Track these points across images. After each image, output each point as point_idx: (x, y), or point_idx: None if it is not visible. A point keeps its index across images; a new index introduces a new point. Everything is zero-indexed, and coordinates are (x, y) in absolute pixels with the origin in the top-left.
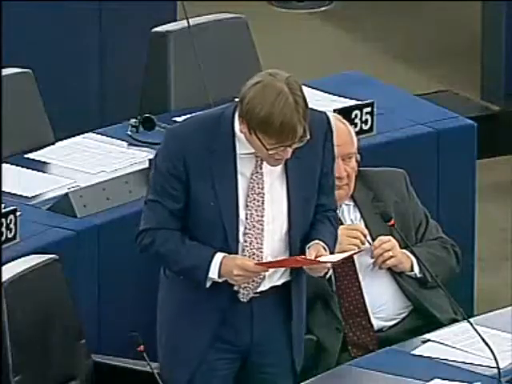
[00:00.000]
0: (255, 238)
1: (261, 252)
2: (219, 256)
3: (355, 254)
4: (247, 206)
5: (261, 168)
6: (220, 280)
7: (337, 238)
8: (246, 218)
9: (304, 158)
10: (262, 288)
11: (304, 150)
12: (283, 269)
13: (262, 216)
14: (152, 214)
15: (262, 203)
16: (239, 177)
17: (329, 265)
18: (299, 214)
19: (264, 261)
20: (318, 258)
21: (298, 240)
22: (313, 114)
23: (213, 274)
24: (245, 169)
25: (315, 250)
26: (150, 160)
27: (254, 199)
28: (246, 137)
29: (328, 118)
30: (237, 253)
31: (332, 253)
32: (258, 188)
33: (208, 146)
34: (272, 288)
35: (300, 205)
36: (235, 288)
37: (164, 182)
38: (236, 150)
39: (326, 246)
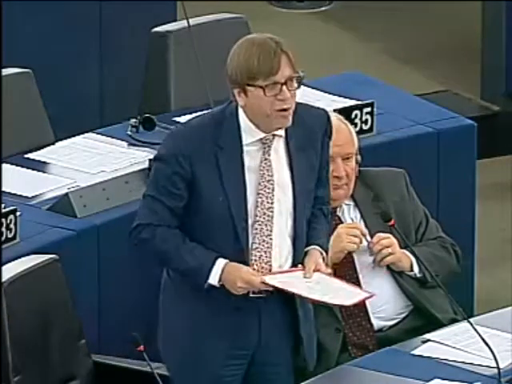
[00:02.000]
0: (265, 225)
1: (270, 239)
2: (221, 262)
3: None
4: (258, 193)
5: (269, 155)
6: (218, 285)
7: (329, 232)
8: (257, 206)
9: (306, 151)
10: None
11: (305, 143)
12: (289, 263)
13: (272, 203)
14: (151, 210)
15: (273, 190)
16: (246, 171)
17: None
18: (303, 206)
19: (271, 270)
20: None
21: (302, 232)
22: (313, 109)
23: (213, 280)
24: (251, 161)
25: (313, 262)
26: (149, 160)
27: (265, 186)
28: (248, 111)
29: (328, 115)
30: (247, 244)
31: (326, 251)
32: (268, 175)
33: (215, 143)
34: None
35: (303, 197)
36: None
37: (167, 181)
38: (242, 142)
39: (322, 251)
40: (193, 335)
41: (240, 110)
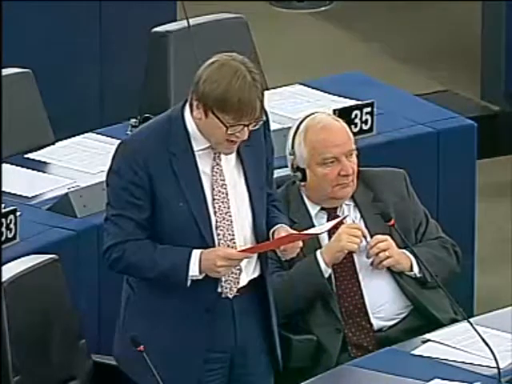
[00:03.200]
0: (227, 230)
1: (234, 243)
2: (196, 252)
3: (335, 224)
4: (214, 199)
5: (220, 160)
6: (201, 276)
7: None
8: (215, 212)
9: (254, 147)
10: (242, 283)
11: (252, 138)
12: (255, 261)
13: (229, 207)
14: (117, 228)
15: (227, 194)
16: (201, 174)
17: (301, 244)
18: (259, 202)
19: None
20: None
21: (262, 227)
22: None
23: (193, 271)
24: (204, 165)
25: (284, 230)
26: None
27: (219, 191)
28: (200, 125)
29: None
30: (214, 247)
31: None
32: (221, 180)
33: (167, 150)
34: (248, 284)
35: (258, 192)
36: (219, 289)
37: (126, 194)
38: (193, 148)
39: (288, 228)
40: (168, 344)
41: (187, 116)
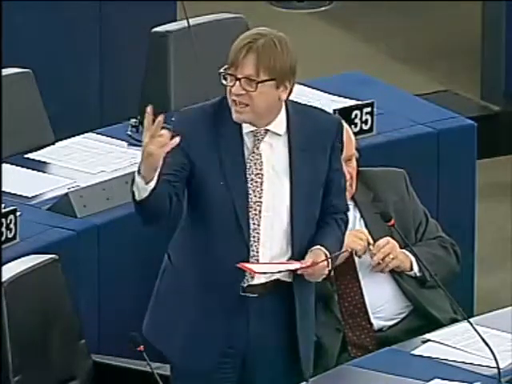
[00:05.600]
0: (251, 219)
1: (257, 233)
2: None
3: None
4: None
5: (257, 148)
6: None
7: (343, 243)
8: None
9: (310, 152)
10: (257, 281)
11: (311, 144)
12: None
13: (260, 197)
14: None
15: (261, 184)
16: (246, 154)
17: (326, 271)
18: (302, 209)
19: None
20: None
21: (302, 236)
22: (326, 115)
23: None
24: (246, 151)
25: (314, 255)
26: None
27: (253, 180)
28: None
29: (341, 122)
30: (248, 232)
31: (331, 253)
32: (256, 169)
33: (216, 130)
34: (273, 285)
35: (303, 199)
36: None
37: (171, 157)
38: (242, 130)
39: (327, 253)
40: (192, 324)
41: None
